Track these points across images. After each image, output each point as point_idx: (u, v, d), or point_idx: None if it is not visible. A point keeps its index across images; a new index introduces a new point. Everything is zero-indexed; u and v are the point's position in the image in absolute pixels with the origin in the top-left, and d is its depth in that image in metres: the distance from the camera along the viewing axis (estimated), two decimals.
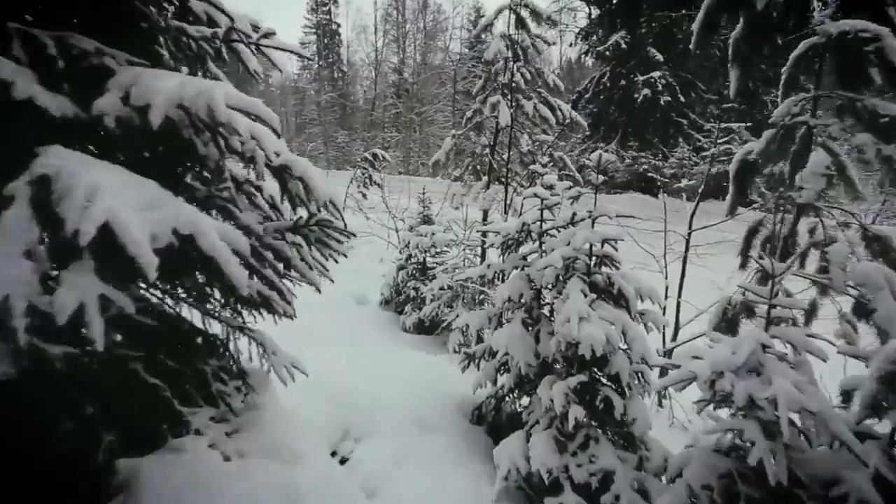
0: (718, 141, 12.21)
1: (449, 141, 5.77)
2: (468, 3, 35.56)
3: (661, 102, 20.93)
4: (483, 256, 6.03)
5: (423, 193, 6.84)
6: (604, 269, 3.25)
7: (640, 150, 20.99)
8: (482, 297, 6.13)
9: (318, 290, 1.98)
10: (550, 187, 3.53)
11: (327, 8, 40.63)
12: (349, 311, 6.87)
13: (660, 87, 20.90)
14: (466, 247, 6.20)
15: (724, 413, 2.54)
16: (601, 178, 3.16)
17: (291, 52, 1.97)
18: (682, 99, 21.00)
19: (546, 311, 3.60)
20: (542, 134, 5.59)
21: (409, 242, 6.76)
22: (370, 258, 10.63)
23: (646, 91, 21.01)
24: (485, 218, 5.90)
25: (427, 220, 6.92)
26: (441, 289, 6.19)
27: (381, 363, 4.25)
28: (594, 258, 3.19)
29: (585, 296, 2.96)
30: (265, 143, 1.74)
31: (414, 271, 6.89)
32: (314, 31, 40.71)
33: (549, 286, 3.29)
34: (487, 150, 5.64)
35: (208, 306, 2.37)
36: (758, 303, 2.36)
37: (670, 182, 16.55)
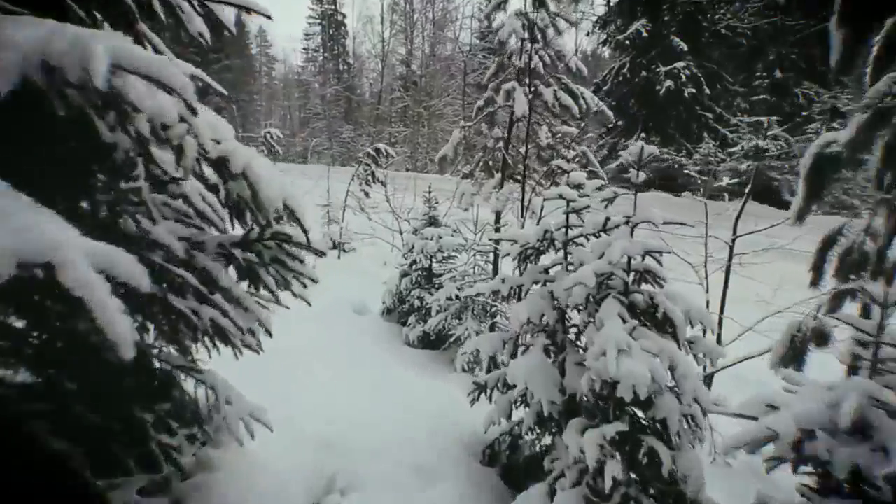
0: (767, 133, 11.56)
1: (457, 133, 5.29)
2: None
3: (685, 95, 20.29)
4: (495, 264, 5.55)
5: (429, 192, 6.37)
6: (644, 286, 2.77)
7: (663, 146, 20.35)
8: (494, 309, 5.66)
9: (269, 333, 1.52)
10: (578, 186, 3.05)
11: None
12: (346, 322, 6.42)
13: (683, 79, 20.26)
14: (477, 252, 5.71)
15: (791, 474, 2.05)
16: (641, 175, 2.67)
17: (242, 7, 1.51)
18: (707, 91, 20.34)
19: (573, 334, 3.12)
20: (564, 125, 5.10)
21: (413, 246, 6.29)
22: (373, 261, 10.19)
23: (668, 83, 20.38)
24: (497, 220, 5.41)
25: (433, 222, 6.45)
26: (448, 299, 5.72)
27: (376, 391, 3.80)
28: (633, 274, 2.70)
29: (624, 322, 2.47)
30: (200, 126, 1.28)
31: (419, 278, 6.42)
32: (319, 21, 40.41)
33: (579, 308, 2.80)
34: (501, 144, 5.16)
35: (146, 338, 1.92)
36: (863, 340, 1.86)
37: (708, 181, 15.96)
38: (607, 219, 2.84)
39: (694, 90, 20.26)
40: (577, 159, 4.84)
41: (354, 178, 9.80)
